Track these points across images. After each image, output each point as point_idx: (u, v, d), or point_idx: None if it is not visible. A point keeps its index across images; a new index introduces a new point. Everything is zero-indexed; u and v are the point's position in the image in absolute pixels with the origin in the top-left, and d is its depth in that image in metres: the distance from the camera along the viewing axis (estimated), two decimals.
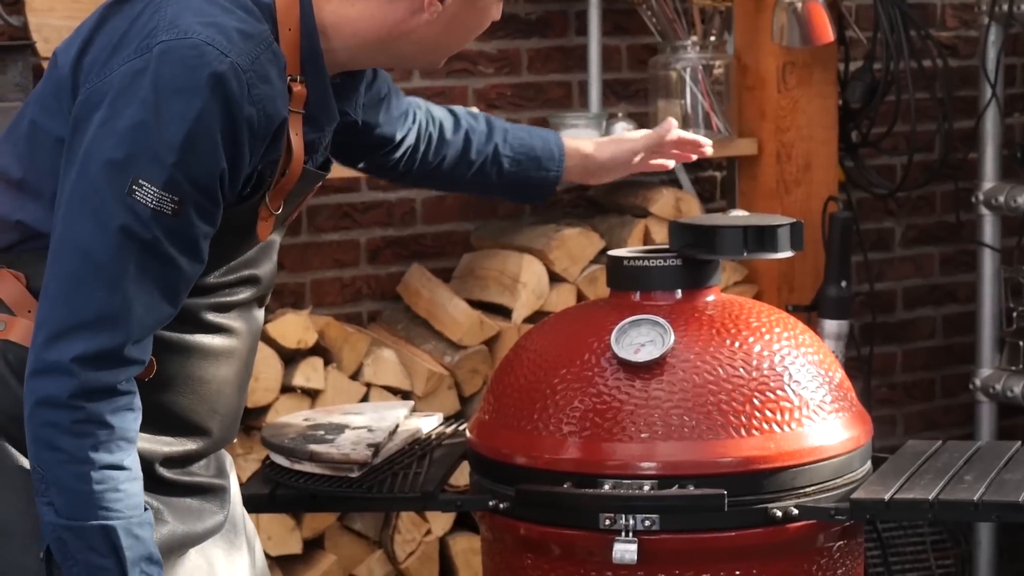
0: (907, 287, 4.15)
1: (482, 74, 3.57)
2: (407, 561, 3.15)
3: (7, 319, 1.81)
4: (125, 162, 1.70)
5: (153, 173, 1.70)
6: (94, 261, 1.71)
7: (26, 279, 1.82)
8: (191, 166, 1.71)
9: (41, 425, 1.72)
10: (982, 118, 3.69)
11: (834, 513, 2.17)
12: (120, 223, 1.70)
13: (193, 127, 1.70)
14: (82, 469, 1.71)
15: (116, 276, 1.71)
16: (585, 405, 2.21)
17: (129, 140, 1.70)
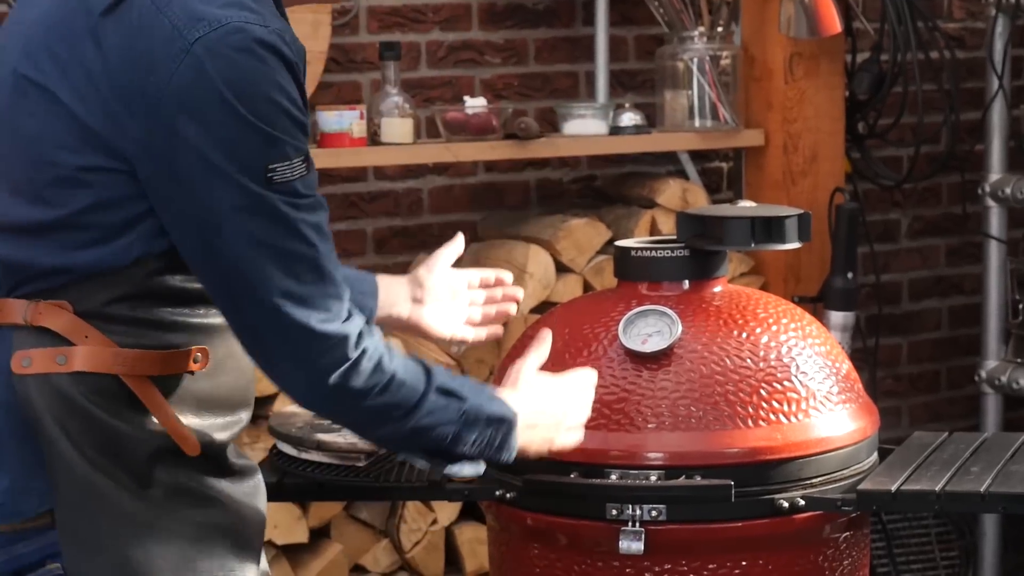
0: (913, 279, 4.15)
1: (489, 64, 3.57)
2: (413, 550, 3.16)
3: (66, 351, 1.77)
4: (250, 160, 1.71)
5: (277, 153, 1.71)
6: (286, 249, 1.73)
7: (72, 305, 1.78)
8: (291, 129, 1.73)
9: (341, 398, 1.79)
10: (989, 110, 3.69)
11: (840, 504, 2.18)
12: (281, 206, 1.72)
13: (277, 98, 1.71)
14: (391, 384, 1.81)
15: (308, 248, 1.75)
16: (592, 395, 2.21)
17: (240, 141, 1.70)
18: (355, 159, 3.23)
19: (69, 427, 1.77)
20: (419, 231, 3.54)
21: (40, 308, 1.78)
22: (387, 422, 1.86)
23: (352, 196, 3.49)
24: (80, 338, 1.78)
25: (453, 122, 3.25)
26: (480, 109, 3.26)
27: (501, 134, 3.30)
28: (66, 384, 1.77)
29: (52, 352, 1.77)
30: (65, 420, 1.77)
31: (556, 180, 3.67)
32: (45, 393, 1.77)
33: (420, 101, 3.45)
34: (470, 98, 3.32)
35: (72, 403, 1.77)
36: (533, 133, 3.29)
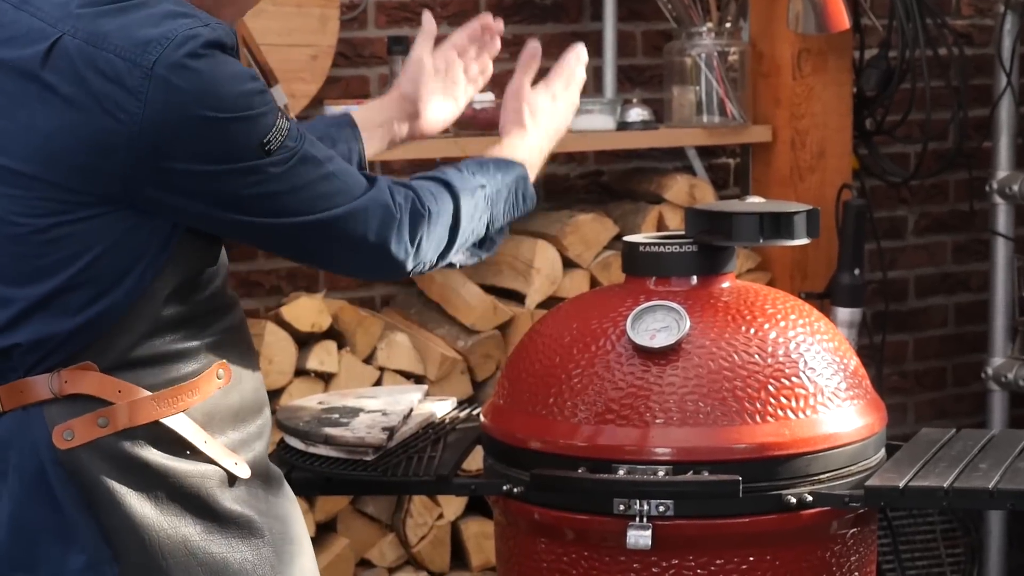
0: (919, 275, 4.14)
1: (496, 59, 3.56)
2: (419, 545, 3.16)
3: (106, 412, 1.75)
4: (244, 147, 1.73)
5: (261, 128, 1.74)
6: (302, 184, 1.78)
7: (96, 364, 1.76)
8: (261, 100, 1.75)
9: (409, 256, 1.88)
10: (997, 107, 3.68)
11: (848, 500, 2.17)
12: (285, 162, 1.76)
13: (241, 83, 1.73)
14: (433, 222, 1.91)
15: (315, 164, 1.80)
16: (600, 390, 2.21)
17: (227, 137, 1.72)
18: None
19: (131, 484, 1.75)
20: None
21: (65, 376, 1.76)
22: (442, 248, 1.94)
23: None
24: (114, 394, 1.76)
25: (461, 117, 3.24)
26: (488, 104, 3.26)
27: None
28: (115, 443, 1.76)
29: (92, 417, 1.75)
30: (124, 478, 1.75)
31: (563, 175, 3.67)
32: (97, 459, 1.75)
33: None
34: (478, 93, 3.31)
35: (128, 461, 1.76)
36: None
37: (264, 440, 1.91)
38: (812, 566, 2.21)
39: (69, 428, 1.74)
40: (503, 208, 2.06)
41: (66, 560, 1.76)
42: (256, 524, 1.84)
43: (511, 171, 2.08)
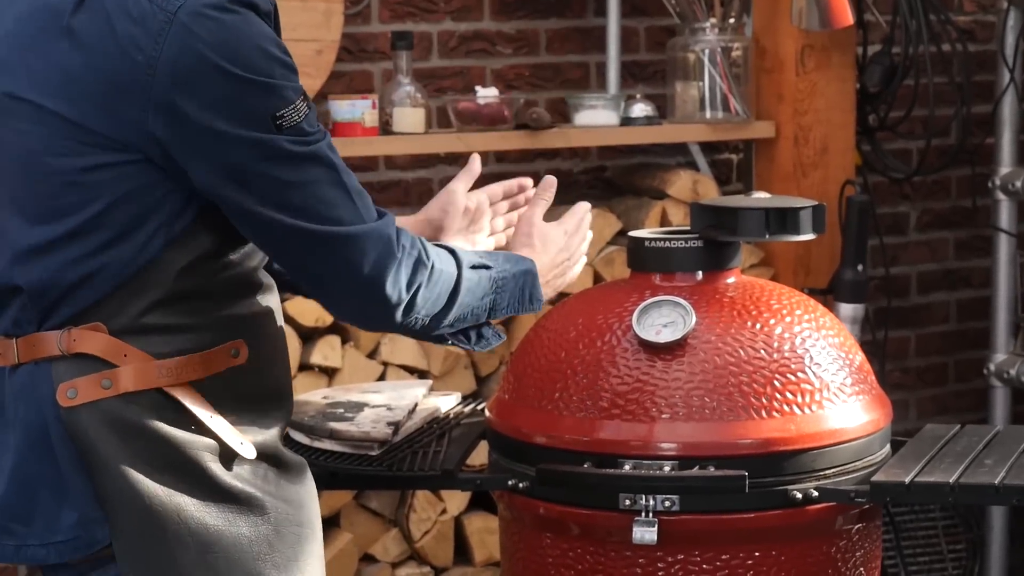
0: (921, 272, 4.15)
1: (500, 54, 3.57)
2: (422, 540, 3.16)
3: (110, 374, 1.77)
4: (254, 113, 1.72)
5: (278, 100, 1.73)
6: (310, 181, 1.75)
7: (105, 325, 1.78)
8: (285, 73, 1.75)
9: (422, 302, 1.86)
10: (1000, 103, 3.68)
11: (854, 496, 2.18)
12: (295, 145, 1.74)
13: (267, 48, 1.73)
14: (434, 277, 1.88)
15: (330, 167, 1.78)
16: (606, 385, 2.21)
17: (240, 98, 1.72)
18: (367, 148, 3.23)
19: (128, 450, 1.76)
20: None
21: (74, 335, 1.77)
22: (439, 310, 1.90)
23: (363, 185, 3.48)
24: (120, 358, 1.77)
25: (465, 112, 3.25)
26: (492, 99, 3.26)
27: (512, 124, 3.30)
28: (117, 407, 1.76)
29: (96, 378, 1.76)
30: (122, 443, 1.76)
31: (566, 171, 3.67)
32: (97, 420, 1.76)
33: (431, 91, 3.44)
34: (482, 88, 3.32)
35: (127, 425, 1.77)
36: (545, 123, 3.29)
37: (279, 428, 1.91)
38: (817, 561, 2.22)
39: (73, 387, 1.76)
40: (507, 298, 2.02)
41: (59, 516, 1.79)
42: (258, 501, 1.84)
43: (520, 264, 2.06)
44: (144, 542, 1.77)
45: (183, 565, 1.78)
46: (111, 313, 1.78)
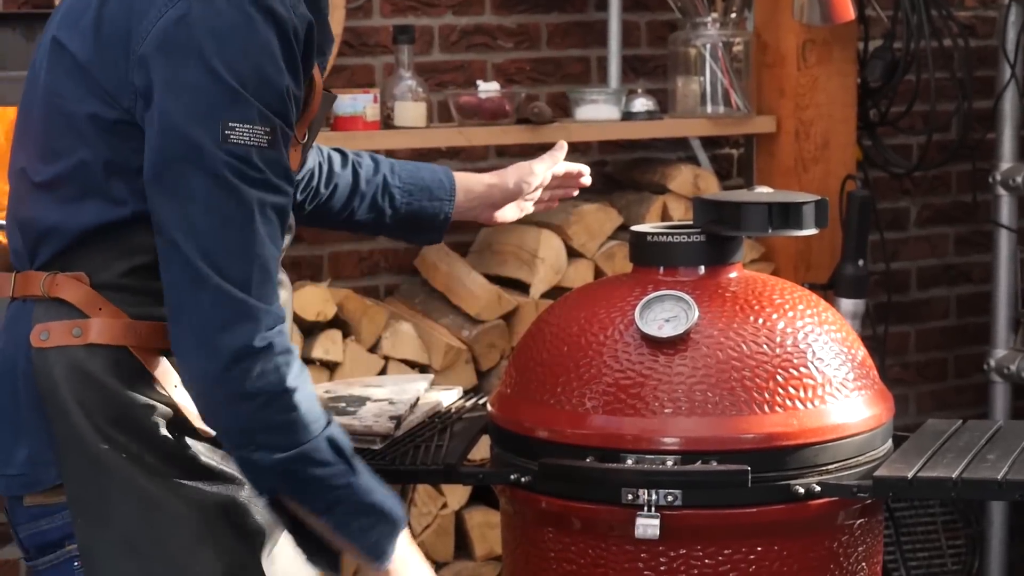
0: (921, 267, 4.15)
1: (501, 48, 3.57)
2: (423, 534, 3.16)
3: (82, 323, 1.80)
4: (209, 112, 1.70)
5: (239, 113, 1.71)
6: (221, 212, 1.72)
7: (88, 277, 1.81)
8: (267, 96, 1.72)
9: (232, 380, 1.72)
10: (1001, 98, 3.68)
11: (856, 491, 2.17)
12: (227, 167, 1.70)
13: (259, 59, 1.71)
14: (284, 401, 1.74)
15: (246, 219, 1.72)
16: (608, 380, 2.21)
17: (204, 90, 1.70)
18: (368, 143, 3.22)
19: (84, 399, 1.79)
20: None
21: (58, 280, 1.81)
22: (264, 444, 1.75)
23: None
24: (94, 310, 1.80)
25: (466, 106, 3.25)
26: (493, 93, 3.26)
27: (514, 119, 3.30)
28: (82, 356, 1.79)
29: (68, 325, 1.80)
30: (80, 392, 1.79)
31: None
32: (61, 365, 1.79)
33: (432, 85, 3.44)
34: (483, 82, 3.31)
35: (87, 375, 1.79)
36: (546, 118, 3.29)
37: None
38: (819, 556, 2.22)
39: (47, 329, 1.81)
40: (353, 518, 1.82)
41: (14, 450, 1.83)
42: (215, 472, 1.84)
43: (390, 505, 1.86)
44: (89, 491, 1.79)
45: (124, 520, 1.79)
46: (97, 267, 1.81)
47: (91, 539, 1.80)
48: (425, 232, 2.30)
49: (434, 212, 2.26)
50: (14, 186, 1.87)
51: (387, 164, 2.26)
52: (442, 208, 2.25)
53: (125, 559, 1.79)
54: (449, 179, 2.26)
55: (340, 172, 2.22)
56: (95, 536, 1.79)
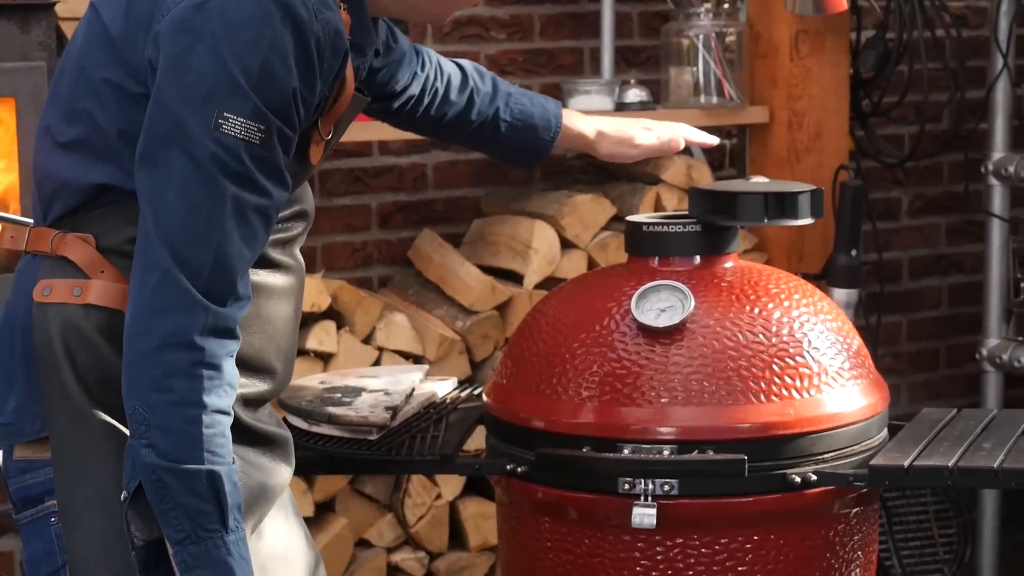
0: (913, 257, 4.15)
1: (494, 39, 3.56)
2: (417, 525, 3.16)
3: (83, 283, 1.82)
4: (207, 97, 1.70)
5: (236, 105, 1.70)
6: (192, 198, 1.71)
7: (95, 240, 1.83)
8: (270, 94, 1.72)
9: (154, 365, 1.70)
10: (993, 88, 3.69)
11: (852, 479, 2.18)
12: (211, 156, 1.70)
13: (268, 55, 1.71)
14: (194, 412, 1.70)
15: (216, 211, 1.71)
16: (604, 370, 2.21)
17: (207, 74, 1.70)
18: (361, 134, 3.22)
19: (75, 357, 1.81)
20: (423, 206, 3.53)
21: (66, 239, 1.84)
22: (154, 441, 1.71)
23: (357, 171, 3.48)
24: (96, 272, 1.82)
25: None
26: None
27: None
28: (78, 315, 1.81)
29: (70, 283, 1.82)
30: (73, 350, 1.81)
31: (559, 156, 3.67)
32: (57, 322, 1.81)
33: None
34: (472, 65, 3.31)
35: (82, 334, 1.81)
36: None
37: (253, 397, 1.89)
38: (816, 545, 2.22)
39: (50, 286, 1.83)
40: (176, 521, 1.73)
41: (7, 399, 1.85)
42: None
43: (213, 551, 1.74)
44: (71, 448, 1.81)
45: (101, 479, 1.80)
46: (105, 230, 1.83)
47: (69, 495, 1.81)
48: (518, 161, 2.38)
49: (532, 147, 2.35)
50: (39, 142, 1.89)
51: (504, 95, 2.31)
52: (542, 147, 2.34)
53: (98, 517, 1.80)
54: (557, 119, 2.34)
55: (455, 99, 2.27)
56: (73, 492, 1.81)
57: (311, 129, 1.85)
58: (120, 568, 1.79)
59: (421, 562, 3.18)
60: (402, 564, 3.17)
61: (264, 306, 1.91)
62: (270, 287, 1.92)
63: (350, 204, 3.46)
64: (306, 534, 2.06)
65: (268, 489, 1.91)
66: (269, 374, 1.94)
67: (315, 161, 1.89)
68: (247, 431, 1.89)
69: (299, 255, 2.01)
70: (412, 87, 2.22)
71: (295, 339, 2.01)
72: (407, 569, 3.18)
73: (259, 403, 1.93)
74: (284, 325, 1.95)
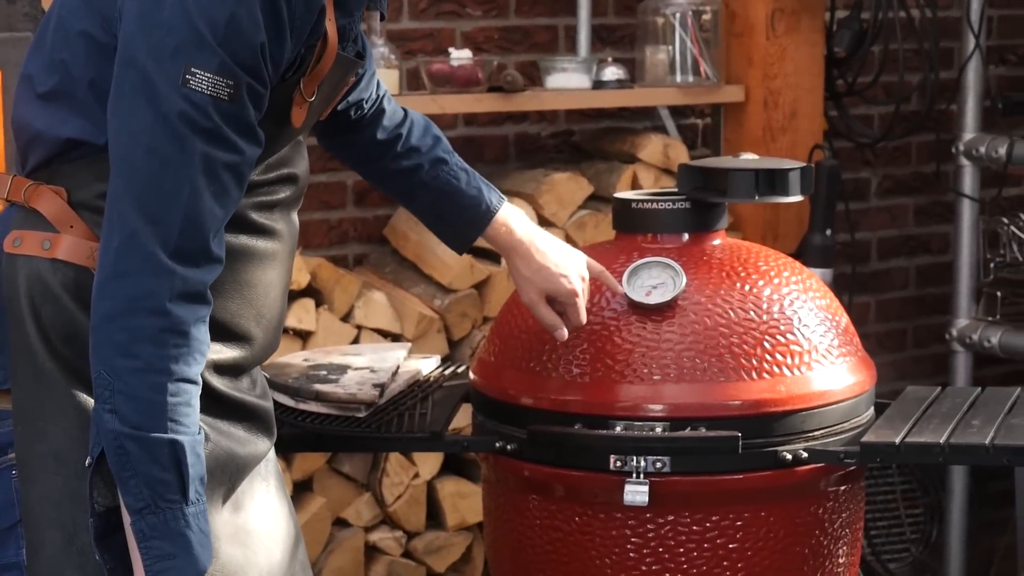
0: (882, 237, 4.16)
1: (470, 16, 3.54)
2: (395, 504, 3.14)
3: (52, 237, 1.80)
4: (175, 52, 1.67)
5: (204, 59, 1.67)
6: (161, 154, 1.68)
7: (67, 193, 1.81)
8: (237, 48, 1.69)
9: (120, 330, 1.67)
10: (965, 68, 3.69)
11: (843, 456, 2.18)
12: (179, 112, 1.67)
13: (234, 9, 1.68)
14: (159, 379, 1.67)
15: (185, 167, 1.68)
16: (595, 347, 2.21)
17: (175, 29, 1.67)
18: None
19: (40, 311, 1.79)
20: None
21: (39, 191, 1.82)
22: (117, 408, 1.68)
23: None
24: (66, 227, 1.81)
25: (438, 74, 3.23)
26: (465, 61, 3.24)
27: (486, 87, 3.28)
28: (46, 269, 1.79)
29: (40, 236, 1.81)
30: (38, 304, 1.79)
31: (534, 135, 3.65)
32: (24, 274, 1.80)
33: (402, 53, 3.41)
34: (455, 50, 3.29)
35: (47, 288, 1.79)
36: (518, 86, 3.27)
37: (226, 363, 1.85)
38: (805, 522, 2.22)
39: (20, 236, 1.82)
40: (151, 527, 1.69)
41: None
42: None
43: (197, 548, 1.71)
44: (31, 402, 1.79)
45: (59, 436, 1.78)
46: (77, 184, 1.81)
47: (27, 450, 1.80)
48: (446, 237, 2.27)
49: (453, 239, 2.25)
50: (20, 90, 1.86)
51: (441, 152, 2.19)
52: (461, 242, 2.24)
53: (53, 474, 1.78)
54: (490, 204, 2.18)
55: (386, 123, 2.18)
56: (30, 448, 1.79)
57: (292, 89, 1.82)
58: (71, 528, 1.78)
59: (399, 541, 3.17)
60: (379, 543, 3.16)
61: (243, 270, 1.87)
62: (251, 251, 1.87)
63: (326, 181, 3.43)
64: (290, 509, 2.03)
65: (238, 458, 1.87)
66: (246, 341, 1.89)
67: (297, 123, 1.85)
68: (220, 399, 1.85)
69: (293, 220, 1.97)
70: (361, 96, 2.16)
71: (281, 307, 1.96)
72: (384, 548, 3.16)
73: (236, 371, 1.89)
74: (266, 291, 1.91)
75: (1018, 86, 4.19)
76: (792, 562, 2.20)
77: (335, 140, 2.21)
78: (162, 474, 1.68)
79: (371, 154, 2.19)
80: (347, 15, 1.87)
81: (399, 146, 2.18)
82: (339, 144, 2.22)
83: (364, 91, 2.16)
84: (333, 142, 2.22)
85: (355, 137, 2.18)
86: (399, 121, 2.19)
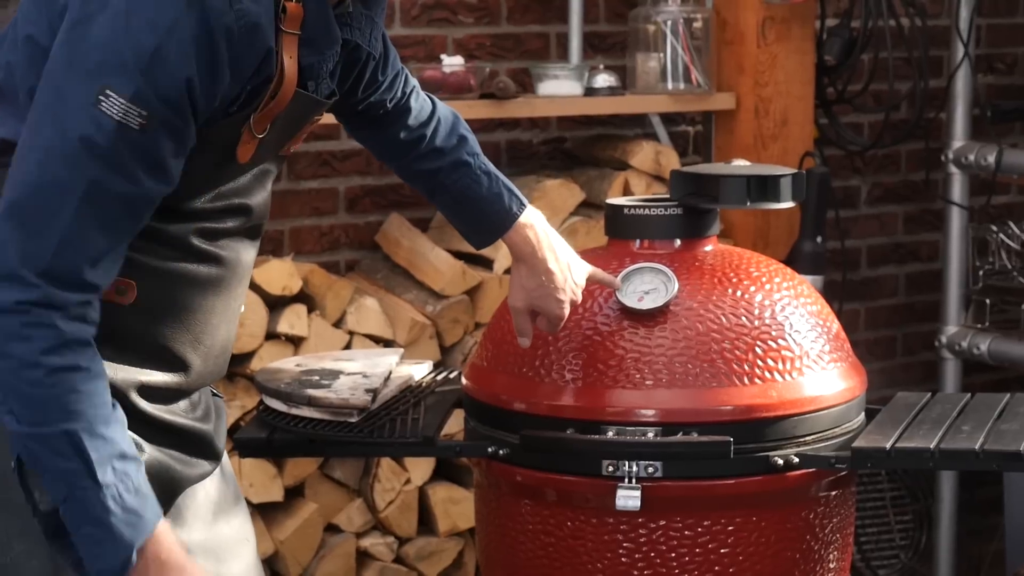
0: (871, 245, 4.18)
1: (461, 23, 3.55)
2: (386, 510, 3.15)
3: None
4: (94, 71, 1.64)
5: (121, 84, 1.63)
6: (50, 172, 1.65)
7: None
8: (159, 79, 1.64)
9: None
10: (954, 77, 3.71)
11: (834, 462, 2.19)
12: (80, 133, 1.64)
13: (164, 38, 1.63)
14: (33, 374, 1.64)
15: (71, 191, 1.64)
16: (587, 352, 2.21)
17: (99, 48, 1.64)
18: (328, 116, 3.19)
19: None
20: (390, 190, 3.52)
21: None
22: (12, 409, 1.67)
23: (325, 154, 3.46)
24: None
25: (430, 81, 3.23)
26: (457, 68, 3.25)
27: (478, 93, 3.29)
28: None
29: None
30: None
31: (526, 141, 3.66)
32: None
33: None
34: (447, 56, 3.30)
35: None
36: (510, 93, 3.28)
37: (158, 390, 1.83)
38: (796, 527, 2.23)
39: None
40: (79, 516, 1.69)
41: None
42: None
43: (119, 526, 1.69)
44: None
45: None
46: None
47: None
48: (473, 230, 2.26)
49: (472, 239, 2.25)
50: None
51: (469, 153, 2.20)
52: (479, 243, 2.24)
53: None
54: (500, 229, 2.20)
55: (423, 164, 2.17)
56: None
57: (241, 125, 1.76)
58: (3, 538, 1.76)
59: (390, 547, 3.17)
60: (371, 549, 3.16)
61: (181, 295, 1.83)
62: (191, 275, 1.83)
63: (317, 187, 3.44)
64: (245, 515, 2.03)
65: (171, 471, 1.85)
66: (180, 365, 1.86)
67: (243, 159, 1.80)
68: (149, 421, 1.82)
69: (246, 249, 1.91)
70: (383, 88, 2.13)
71: (226, 334, 1.93)
72: (376, 554, 3.17)
73: (169, 393, 1.85)
74: (206, 317, 1.87)
75: (1007, 94, 4.21)
76: (783, 567, 2.21)
77: (360, 133, 2.19)
78: (67, 464, 1.67)
79: (393, 152, 2.17)
80: (316, 53, 1.80)
81: (422, 147, 2.16)
82: (363, 137, 2.20)
83: (387, 92, 2.12)
84: (359, 134, 2.21)
85: (379, 134, 2.16)
86: (424, 120, 2.16)
